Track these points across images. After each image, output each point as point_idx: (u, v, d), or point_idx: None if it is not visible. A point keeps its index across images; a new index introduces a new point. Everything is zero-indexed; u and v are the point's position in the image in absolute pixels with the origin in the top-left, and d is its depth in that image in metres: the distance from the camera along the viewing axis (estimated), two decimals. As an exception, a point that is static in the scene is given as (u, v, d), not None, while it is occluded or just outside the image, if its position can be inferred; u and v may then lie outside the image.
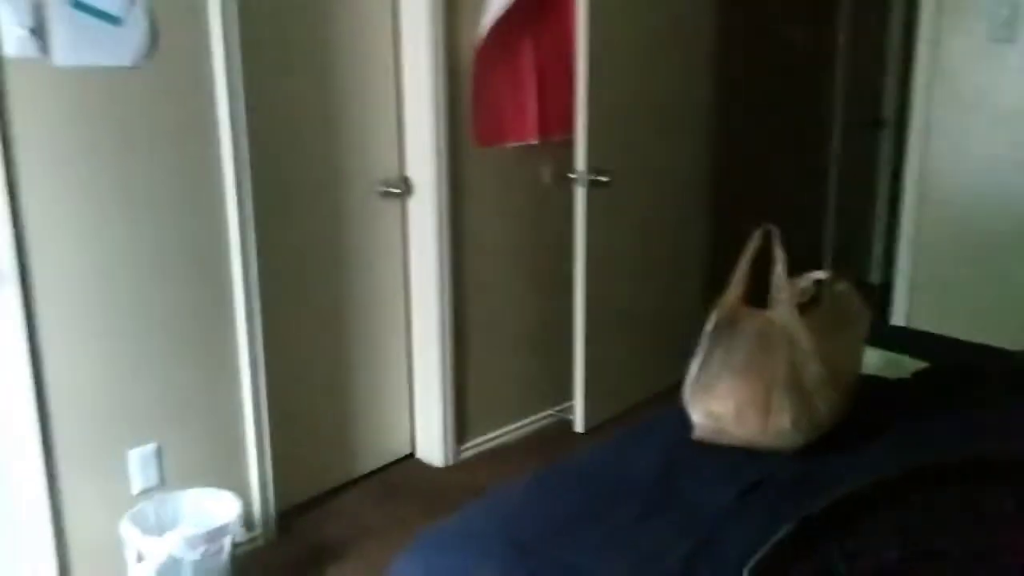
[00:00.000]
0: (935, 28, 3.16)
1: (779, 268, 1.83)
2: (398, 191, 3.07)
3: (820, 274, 1.91)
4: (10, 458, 2.25)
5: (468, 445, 3.30)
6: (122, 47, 2.34)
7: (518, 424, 3.45)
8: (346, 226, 2.98)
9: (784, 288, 1.83)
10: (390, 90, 3.01)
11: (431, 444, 3.25)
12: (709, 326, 1.86)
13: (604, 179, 3.20)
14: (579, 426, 3.40)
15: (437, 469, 3.22)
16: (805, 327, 1.81)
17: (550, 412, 3.53)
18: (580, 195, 3.23)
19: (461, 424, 3.27)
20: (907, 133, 3.29)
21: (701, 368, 1.86)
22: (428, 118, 2.97)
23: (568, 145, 3.24)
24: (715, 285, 3.82)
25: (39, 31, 2.19)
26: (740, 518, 1.55)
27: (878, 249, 5.20)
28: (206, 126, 2.48)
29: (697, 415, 1.84)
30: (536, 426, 3.49)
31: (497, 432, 3.39)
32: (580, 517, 1.59)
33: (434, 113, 2.96)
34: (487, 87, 3.09)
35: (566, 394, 3.45)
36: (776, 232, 1.83)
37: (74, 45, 2.26)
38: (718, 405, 1.81)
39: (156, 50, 2.38)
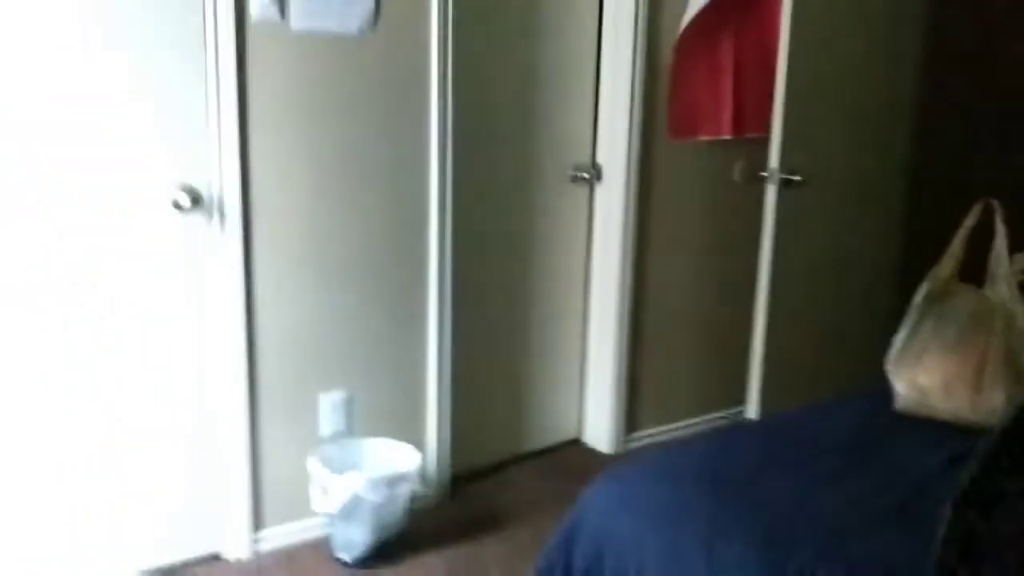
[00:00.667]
0: None
1: (999, 242, 1.77)
2: (587, 176, 3.13)
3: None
4: (219, 390, 2.42)
5: (636, 436, 3.29)
6: (350, 17, 2.50)
7: (689, 422, 3.42)
8: (536, 206, 3.06)
9: (1004, 264, 1.76)
10: (588, 77, 3.08)
11: (600, 430, 3.26)
12: (919, 298, 1.81)
13: (797, 179, 3.15)
14: (751, 430, 3.33)
15: (604, 455, 3.22)
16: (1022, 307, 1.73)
17: (723, 414, 3.48)
18: (771, 193, 3.18)
19: (631, 414, 3.27)
20: None
21: (908, 339, 1.81)
22: (623, 107, 3.03)
23: (761, 144, 3.21)
24: (903, 295, 3.69)
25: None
26: (950, 480, 1.49)
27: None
28: (420, 98, 2.61)
29: (902, 386, 1.78)
30: (707, 426, 3.45)
31: (667, 427, 3.36)
32: (772, 465, 1.57)
33: (629, 102, 3.01)
34: (684, 81, 3.12)
35: (741, 397, 3.38)
36: (998, 206, 1.77)
37: (309, 12, 2.43)
38: (926, 377, 1.75)
39: (380, 21, 2.52)
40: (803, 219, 3.24)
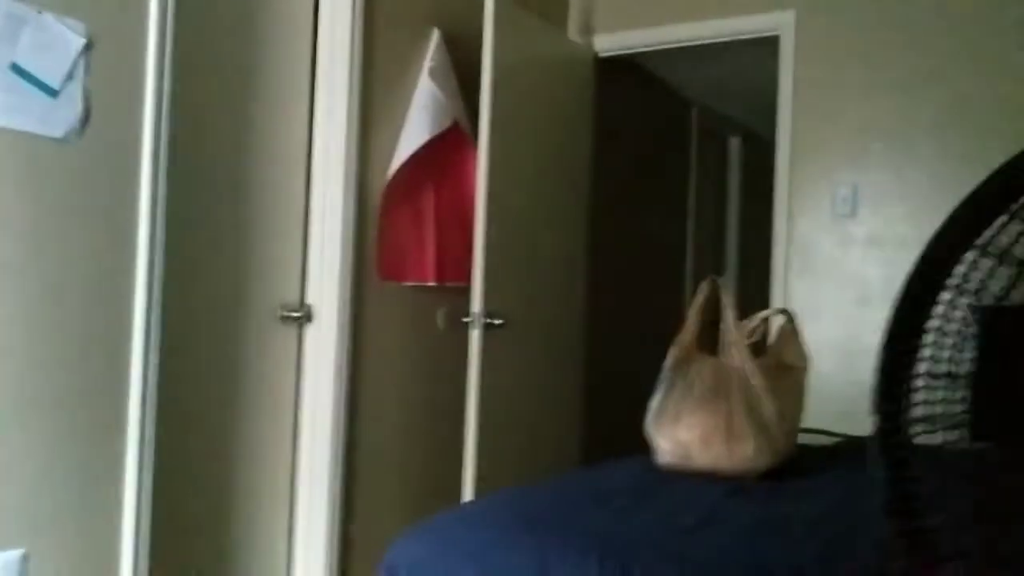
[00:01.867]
0: (788, 208, 3.60)
1: (727, 314, 1.96)
2: (297, 316, 3.04)
3: (768, 313, 2.04)
4: None
5: (352, 591, 3.06)
6: (54, 119, 2.32)
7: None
8: (243, 346, 2.89)
9: (734, 331, 1.95)
10: (297, 211, 3.06)
11: (312, 589, 3.00)
12: (668, 363, 1.94)
13: (498, 322, 3.30)
14: None
15: (319, 618, 2.95)
16: (756, 367, 1.92)
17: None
18: (475, 336, 3.29)
19: (344, 567, 3.05)
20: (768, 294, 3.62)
21: (663, 401, 1.91)
22: (336, 246, 3.02)
23: (462, 292, 3.35)
24: (593, 422, 3.91)
25: (-28, 87, 2.15)
26: (733, 504, 1.56)
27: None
28: (125, 216, 2.42)
29: (664, 442, 1.86)
30: None
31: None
32: (575, 506, 1.54)
33: (342, 242, 3.02)
34: (391, 225, 3.20)
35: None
36: (722, 282, 1.98)
37: (7, 107, 2.22)
38: (684, 432, 1.85)
39: (87, 128, 2.36)
40: (504, 359, 3.38)
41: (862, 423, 3.10)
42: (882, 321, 3.15)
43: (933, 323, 0.87)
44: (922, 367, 0.88)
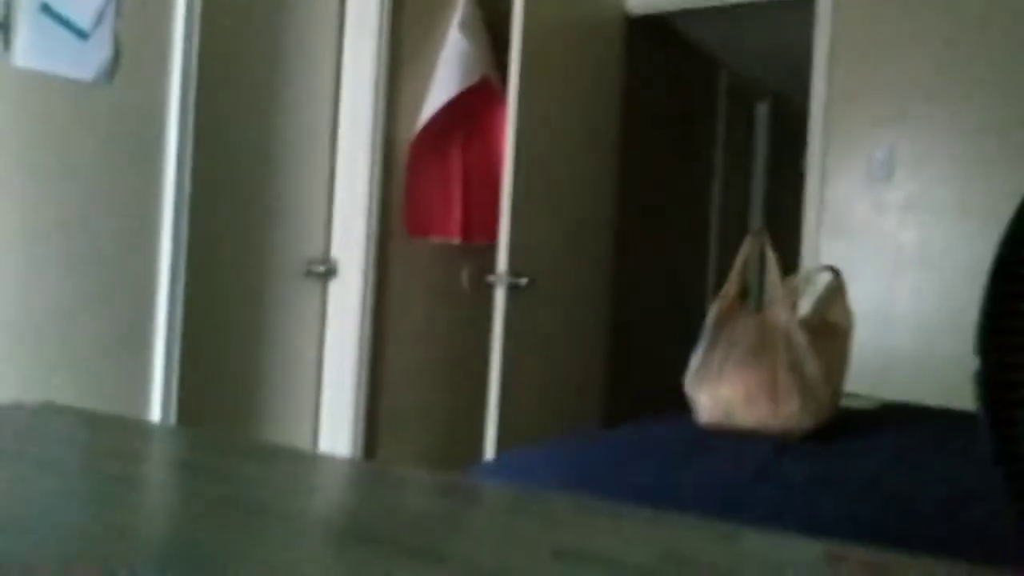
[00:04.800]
0: (821, 171, 3.53)
1: (771, 269, 1.91)
2: (322, 270, 3.00)
3: (814, 270, 2.00)
4: None
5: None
6: (84, 61, 2.28)
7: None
8: (267, 300, 2.86)
9: (777, 288, 1.90)
10: (323, 166, 3.01)
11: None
12: (710, 320, 1.89)
13: (523, 282, 3.25)
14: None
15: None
16: (800, 326, 1.87)
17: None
18: (500, 296, 3.25)
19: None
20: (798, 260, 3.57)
21: (704, 359, 1.87)
22: (362, 201, 2.98)
23: (488, 251, 3.30)
24: (617, 382, 3.87)
25: (4, 27, 2.11)
26: (783, 461, 1.52)
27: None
28: (153, 160, 2.39)
29: (705, 400, 1.82)
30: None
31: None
32: (621, 461, 1.51)
33: (367, 195, 2.98)
34: (418, 180, 3.16)
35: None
36: (767, 237, 1.93)
37: (37, 49, 2.18)
38: (727, 389, 1.81)
39: (117, 71, 2.32)
40: (528, 320, 3.34)
41: (895, 389, 3.05)
42: (916, 286, 3.08)
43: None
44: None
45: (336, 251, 3.04)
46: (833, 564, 0.27)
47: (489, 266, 3.27)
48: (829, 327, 1.97)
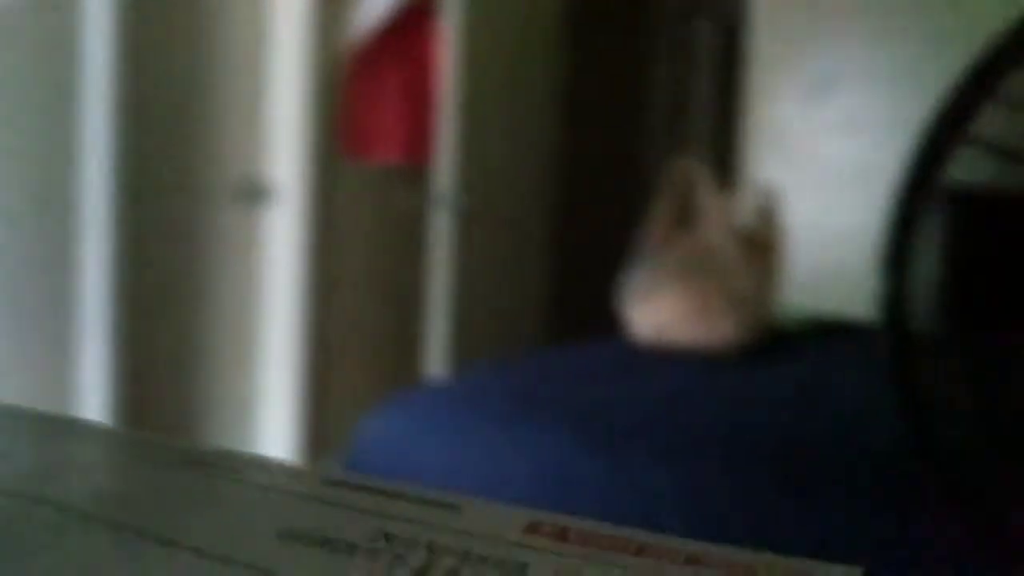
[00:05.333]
0: (758, 89, 3.53)
1: (703, 189, 1.92)
2: (255, 196, 2.94)
3: (746, 189, 2.01)
4: None
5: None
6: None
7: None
8: (197, 227, 2.80)
9: (710, 207, 1.91)
10: (255, 83, 2.93)
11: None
12: (643, 240, 1.90)
13: (465, 203, 3.23)
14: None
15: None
16: (733, 243, 1.89)
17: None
18: (442, 218, 3.23)
19: (315, 457, 3.05)
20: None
21: (639, 279, 1.88)
22: (300, 119, 2.91)
23: (426, 173, 3.27)
24: (559, 312, 3.90)
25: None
26: (712, 378, 1.55)
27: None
28: (71, 86, 2.29)
29: (640, 321, 1.84)
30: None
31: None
32: (551, 383, 1.52)
33: (308, 113, 2.91)
34: (356, 99, 3.09)
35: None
36: (699, 160, 1.93)
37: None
38: (661, 308, 1.83)
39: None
40: (470, 243, 3.33)
41: (833, 303, 3.11)
42: (853, 203, 3.12)
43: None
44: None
45: (272, 173, 2.97)
46: (528, 535, 0.27)
47: (431, 188, 3.24)
48: (762, 244, 1.99)
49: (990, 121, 0.79)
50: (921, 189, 0.79)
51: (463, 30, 3.16)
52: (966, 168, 0.91)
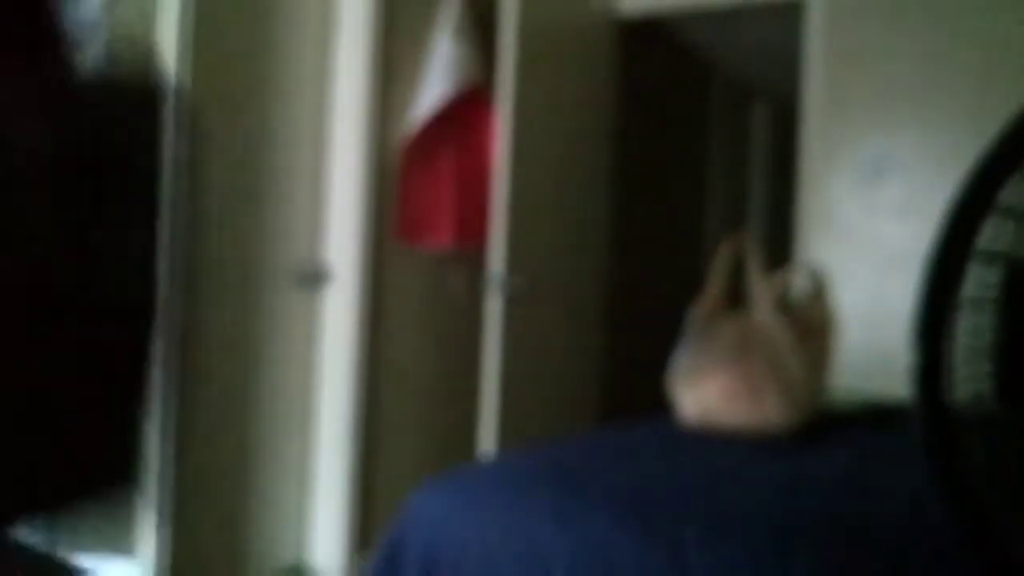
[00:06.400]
0: (812, 173, 3.54)
1: (754, 269, 1.92)
2: (314, 280, 3.02)
3: (796, 270, 2.00)
4: None
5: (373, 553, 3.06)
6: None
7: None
8: (260, 308, 2.87)
9: (759, 287, 1.91)
10: (315, 174, 3.03)
11: (330, 551, 3.00)
12: (692, 320, 1.90)
13: (518, 286, 3.26)
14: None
15: (335, 578, 2.95)
16: (782, 324, 1.88)
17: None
18: (495, 301, 3.26)
19: (365, 535, 3.05)
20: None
21: (687, 360, 1.88)
22: (354, 205, 3.00)
23: (481, 256, 3.32)
24: (613, 389, 3.87)
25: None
26: (760, 461, 1.53)
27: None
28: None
29: (688, 402, 1.83)
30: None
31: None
32: (599, 461, 1.52)
33: (361, 201, 2.99)
34: (410, 187, 3.17)
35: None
36: (748, 237, 1.94)
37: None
38: (709, 389, 1.82)
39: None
40: (524, 328, 3.34)
41: (887, 386, 3.05)
42: (906, 288, 3.08)
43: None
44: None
45: (329, 258, 3.05)
46: None
47: (483, 271, 3.28)
48: (812, 327, 1.97)
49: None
50: (956, 253, 0.79)
51: (518, 115, 3.23)
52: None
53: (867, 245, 3.40)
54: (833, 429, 1.90)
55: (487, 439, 3.17)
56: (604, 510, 1.28)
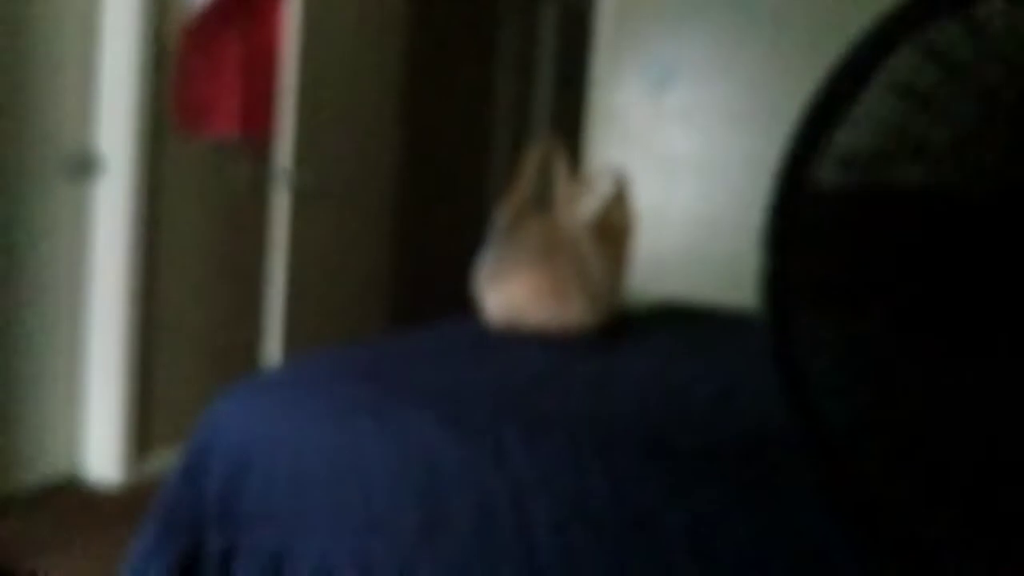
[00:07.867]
0: (603, 78, 3.59)
1: (560, 173, 1.93)
2: (84, 169, 2.75)
3: (601, 174, 2.03)
4: None
5: (150, 456, 2.91)
6: None
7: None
8: (23, 201, 2.59)
9: (565, 192, 1.92)
10: (86, 57, 2.73)
11: (105, 460, 2.82)
12: (499, 222, 1.89)
13: (305, 181, 3.13)
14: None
15: (113, 487, 2.79)
16: (586, 227, 1.90)
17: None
18: (281, 196, 3.11)
19: (144, 442, 2.89)
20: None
21: (493, 260, 1.87)
22: (129, 93, 2.74)
23: (268, 150, 3.15)
24: (401, 289, 3.84)
25: None
26: (567, 361, 1.56)
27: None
28: None
29: (494, 302, 1.83)
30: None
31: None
32: (408, 364, 1.49)
33: (137, 88, 2.74)
34: (190, 72, 2.93)
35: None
36: (558, 142, 1.93)
37: None
38: (515, 290, 1.82)
39: None
40: (310, 221, 3.23)
41: (667, 287, 3.20)
42: (689, 192, 3.21)
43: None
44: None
45: (102, 147, 2.78)
46: None
47: (269, 165, 3.12)
48: (613, 229, 2.02)
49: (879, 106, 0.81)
50: (803, 173, 0.81)
51: (307, 3, 3.05)
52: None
53: (654, 150, 3.52)
54: (632, 328, 1.96)
55: (273, 342, 3.06)
56: (424, 408, 1.25)
